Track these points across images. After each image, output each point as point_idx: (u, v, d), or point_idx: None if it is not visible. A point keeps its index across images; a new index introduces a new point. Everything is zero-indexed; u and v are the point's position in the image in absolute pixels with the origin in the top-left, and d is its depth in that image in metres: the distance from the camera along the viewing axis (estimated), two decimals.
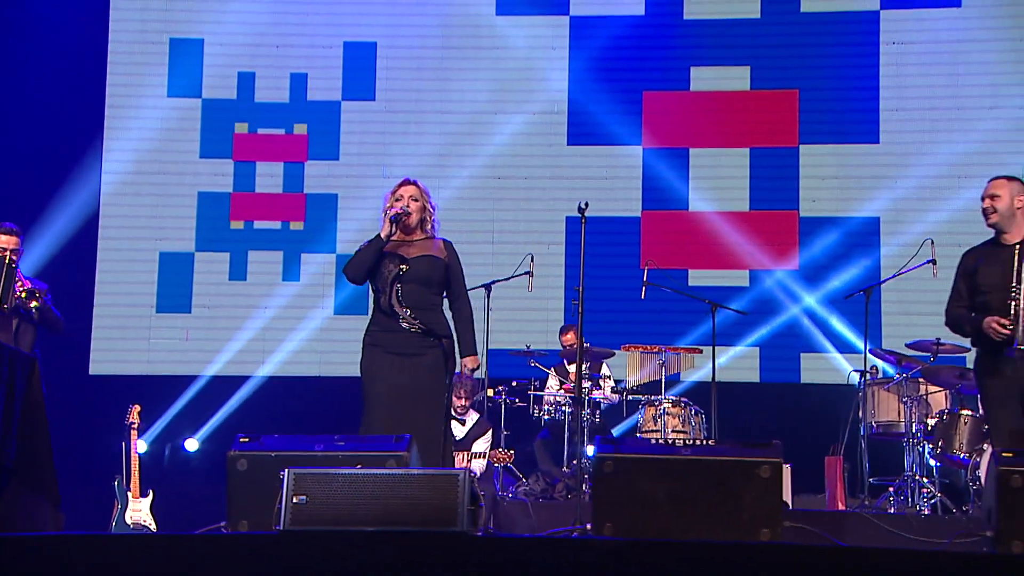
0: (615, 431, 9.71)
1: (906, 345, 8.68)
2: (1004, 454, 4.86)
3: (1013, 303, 5.93)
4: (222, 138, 11.32)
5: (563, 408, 9.00)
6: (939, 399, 8.48)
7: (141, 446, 8.91)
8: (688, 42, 11.05)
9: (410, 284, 6.05)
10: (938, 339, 7.94)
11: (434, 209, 6.31)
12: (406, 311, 6.03)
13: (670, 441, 6.22)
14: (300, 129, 11.41)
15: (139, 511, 8.07)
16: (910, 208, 10.58)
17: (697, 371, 10.38)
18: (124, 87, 11.31)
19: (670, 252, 10.64)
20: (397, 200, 6.12)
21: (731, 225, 10.79)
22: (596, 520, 4.93)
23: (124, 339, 11.02)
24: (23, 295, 7.30)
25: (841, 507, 8.35)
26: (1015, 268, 5.92)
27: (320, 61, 11.30)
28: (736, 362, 10.51)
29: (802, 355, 10.01)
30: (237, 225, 11.18)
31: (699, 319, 10.42)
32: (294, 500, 4.37)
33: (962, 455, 7.95)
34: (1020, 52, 10.75)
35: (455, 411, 8.77)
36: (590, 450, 8.31)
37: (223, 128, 11.35)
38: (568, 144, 11.00)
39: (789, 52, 10.96)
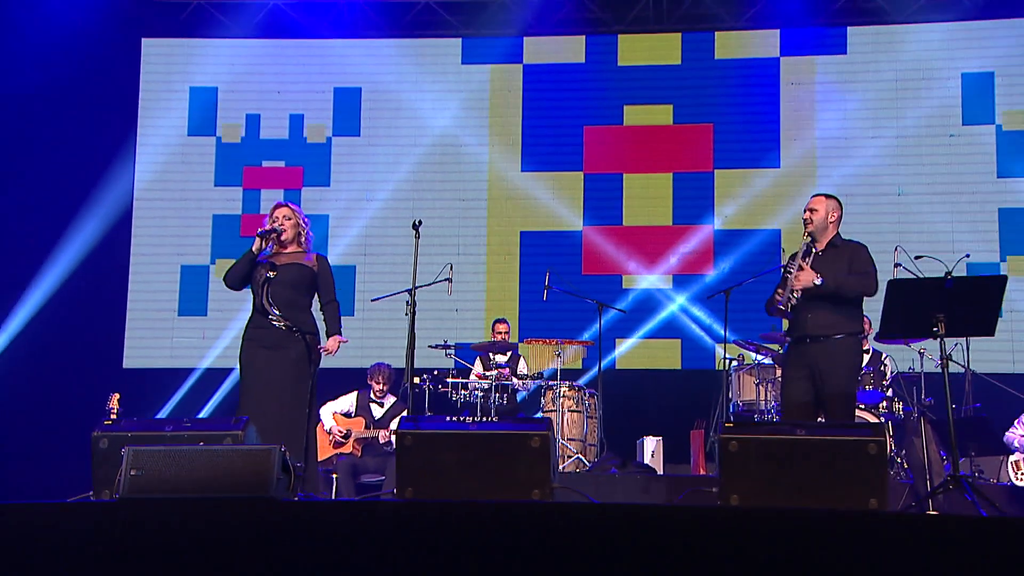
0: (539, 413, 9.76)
1: (760, 335, 9.08)
2: (727, 424, 5.34)
3: (788, 275, 6.39)
4: (233, 169, 11.83)
5: (477, 393, 9.19)
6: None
7: None
8: (621, 85, 11.58)
9: (278, 287, 6.32)
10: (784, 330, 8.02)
11: (307, 225, 6.68)
12: (275, 310, 6.29)
13: (474, 419, 6.40)
14: (297, 161, 11.93)
15: None
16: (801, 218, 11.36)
17: (628, 359, 11.04)
18: (152, 127, 11.81)
19: (607, 261, 11.30)
20: (273, 221, 6.51)
21: (657, 237, 11.24)
22: (399, 486, 5.14)
23: (152, 338, 11.48)
24: None
25: (702, 472, 8.79)
26: (800, 254, 6.40)
27: (314, 104, 11.82)
28: (660, 352, 10.95)
29: (703, 346, 10.40)
30: (250, 240, 12.06)
31: (640, 317, 11.12)
32: (132, 473, 4.52)
33: None
34: (895, 91, 11.16)
35: (374, 394, 9.11)
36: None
37: (234, 161, 11.88)
38: (522, 170, 11.55)
39: (705, 92, 11.46)
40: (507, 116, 11.74)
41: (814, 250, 6.31)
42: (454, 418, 6.19)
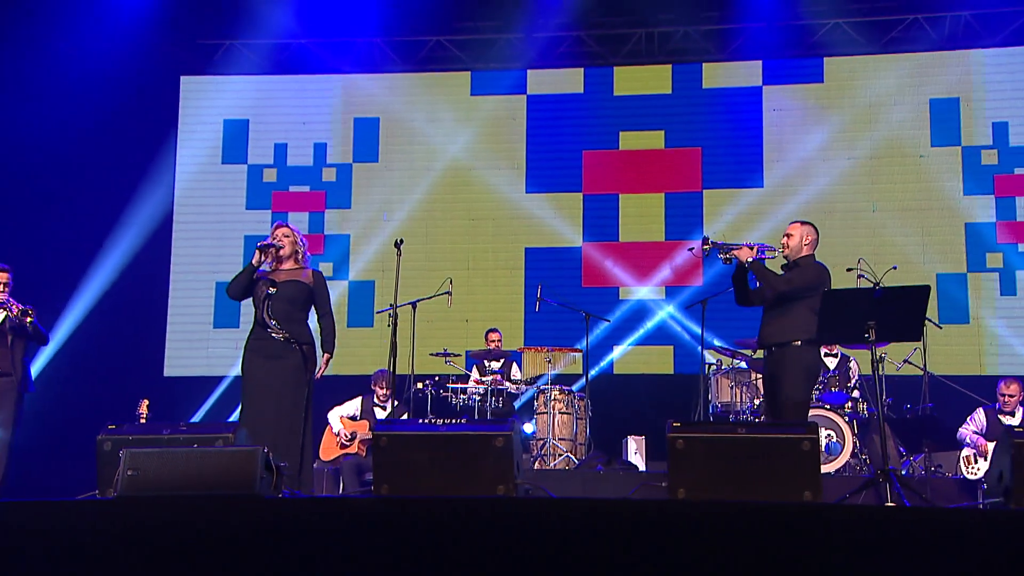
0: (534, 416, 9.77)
1: (735, 342, 9.15)
2: (675, 424, 5.27)
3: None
4: (263, 194, 12.14)
5: (475, 397, 9.32)
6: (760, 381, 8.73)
7: None
8: (617, 113, 11.80)
9: (278, 302, 6.40)
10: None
11: (304, 244, 6.76)
12: (274, 323, 6.35)
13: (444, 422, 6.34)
14: (320, 186, 12.18)
15: None
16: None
17: (625, 364, 11.20)
18: (189, 155, 12.10)
19: (605, 274, 11.50)
20: (273, 238, 6.57)
21: (651, 252, 11.38)
22: (375, 483, 5.21)
23: (189, 348, 11.73)
24: (18, 314, 7.53)
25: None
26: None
27: (336, 133, 12.10)
28: (655, 357, 11.06)
29: (693, 352, 10.29)
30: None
31: (632, 325, 11.31)
32: (128, 473, 4.61)
33: None
34: (869, 115, 11.32)
35: (378, 399, 9.28)
36: (528, 428, 9.45)
37: (263, 187, 12.18)
38: (526, 192, 11.78)
39: (693, 119, 11.66)
40: (512, 142, 11.93)
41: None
42: (425, 420, 6.44)
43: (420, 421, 6.19)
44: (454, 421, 5.96)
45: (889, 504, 5.57)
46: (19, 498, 6.01)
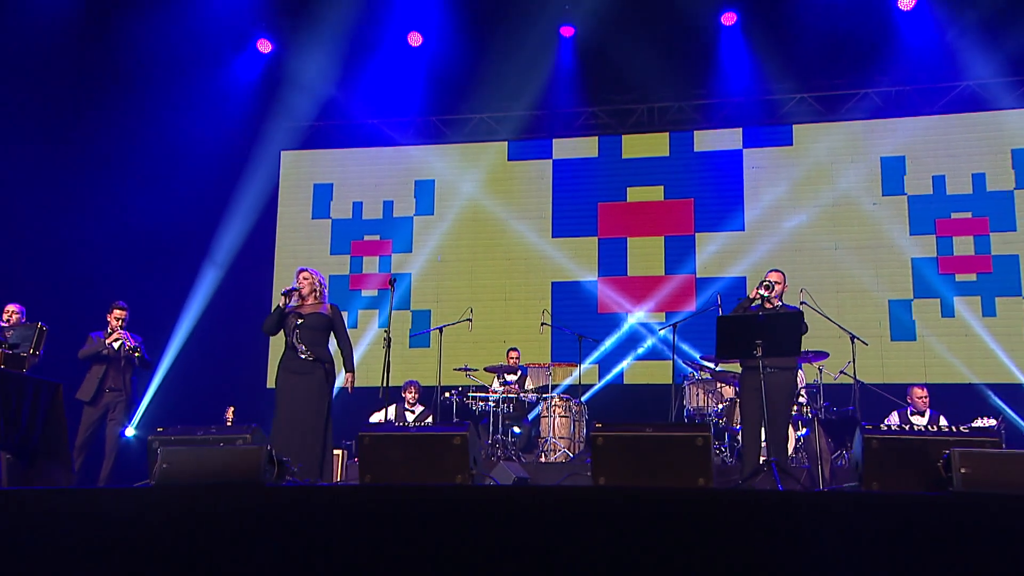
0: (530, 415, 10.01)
1: (700, 357, 9.41)
2: (597, 424, 5.32)
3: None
4: (343, 242, 12.74)
5: (491, 404, 9.35)
6: (729, 391, 9.27)
7: None
8: (626, 171, 12.33)
9: (304, 330, 6.62)
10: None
11: (323, 284, 6.92)
12: (302, 346, 6.56)
13: (415, 424, 6.50)
14: (388, 235, 12.77)
15: None
16: (763, 269, 9.89)
17: (632, 375, 11.53)
18: (288, 214, 12.94)
19: (616, 303, 11.93)
20: (298, 282, 6.83)
21: (653, 284, 11.83)
22: (360, 473, 5.27)
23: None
24: (130, 349, 8.00)
25: None
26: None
27: (401, 192, 12.76)
28: (656, 370, 11.30)
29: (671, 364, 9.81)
30: (355, 293, 12.55)
31: (637, 344, 11.71)
32: (163, 466, 4.65)
33: (736, 426, 8.64)
34: (830, 170, 11.75)
35: (407, 404, 9.48)
36: (516, 429, 9.65)
37: (344, 236, 12.77)
38: (552, 237, 12.32)
39: (687, 176, 12.16)
40: (540, 197, 12.44)
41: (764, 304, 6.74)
42: (401, 423, 6.88)
43: (396, 424, 6.78)
44: (422, 424, 6.46)
45: (768, 489, 5.76)
46: (125, 485, 6.24)
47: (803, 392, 9.12)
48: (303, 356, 6.54)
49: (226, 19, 11.26)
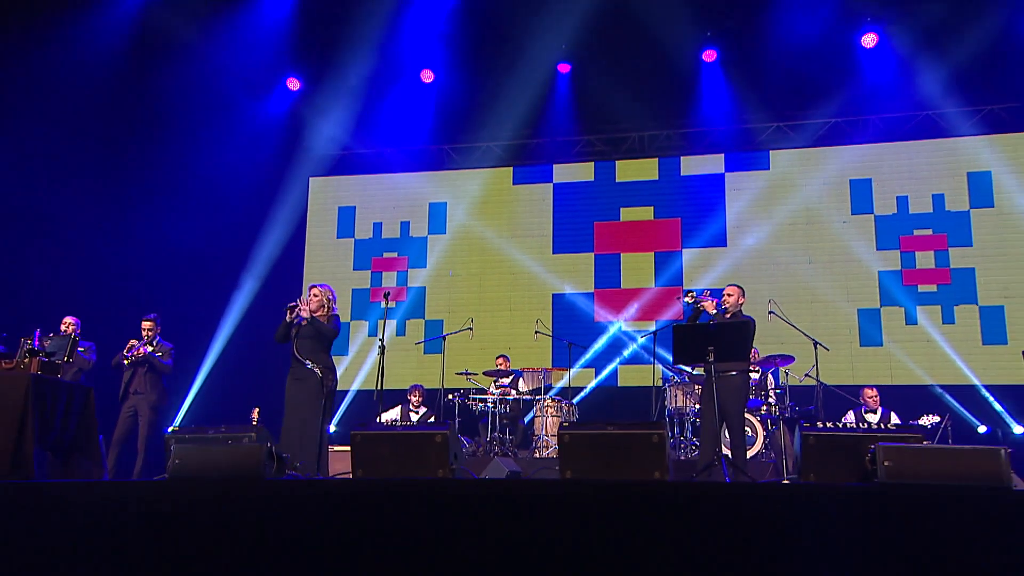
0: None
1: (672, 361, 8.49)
2: (563, 423, 5.38)
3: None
4: (365, 259, 12.88)
5: (488, 405, 9.39)
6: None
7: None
8: (620, 193, 12.43)
9: (301, 340, 6.67)
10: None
11: (331, 299, 6.87)
12: (299, 355, 6.61)
13: (403, 424, 6.31)
14: (405, 252, 12.85)
15: None
16: (744, 281, 9.55)
17: (625, 377, 11.56)
18: (316, 234, 13.10)
19: (611, 312, 11.96)
20: (309, 296, 6.79)
21: (645, 296, 11.86)
22: (353, 468, 5.24)
23: None
24: (141, 356, 8.03)
25: None
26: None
27: (416, 214, 12.89)
28: (647, 372, 10.02)
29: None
30: (375, 305, 12.61)
31: (618, 350, 11.69)
32: (176, 461, 4.66)
33: None
34: (804, 192, 11.81)
35: (412, 406, 9.53)
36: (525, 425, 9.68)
37: (366, 254, 12.93)
38: (552, 253, 12.42)
39: (674, 197, 12.24)
40: (542, 217, 12.55)
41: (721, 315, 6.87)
42: (405, 423, 6.84)
43: (385, 424, 6.72)
44: (406, 423, 6.51)
45: (717, 481, 5.81)
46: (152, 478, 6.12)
47: (772, 393, 9.24)
48: (301, 363, 6.59)
49: (258, 61, 11.47)
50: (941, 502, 3.73)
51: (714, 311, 6.84)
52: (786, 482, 6.20)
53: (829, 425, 5.66)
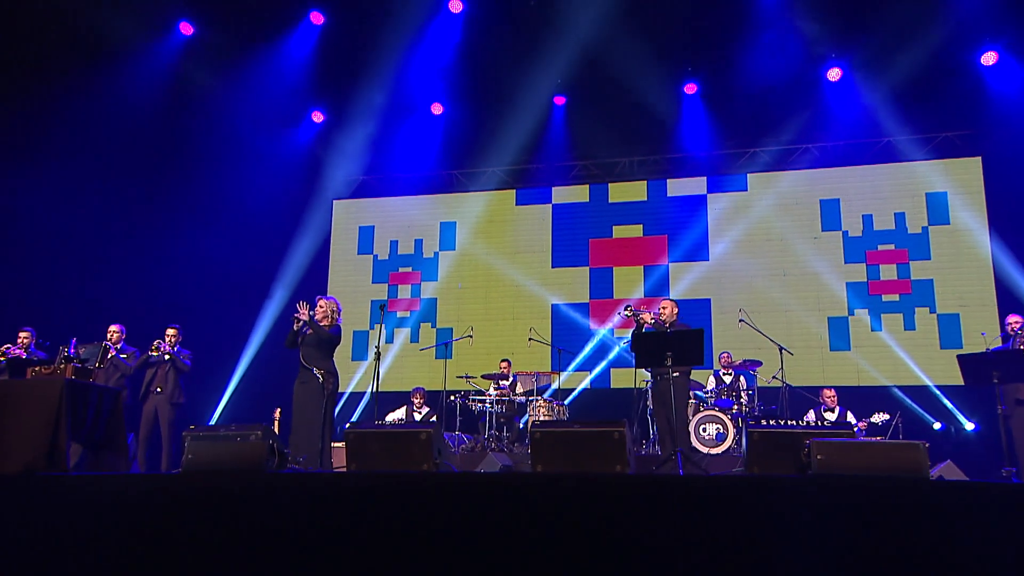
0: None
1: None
2: (534, 421, 5.11)
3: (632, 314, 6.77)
4: (382, 273, 13.02)
5: (487, 405, 9.45)
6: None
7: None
8: (612, 212, 12.57)
9: (305, 347, 6.66)
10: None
11: (336, 310, 6.85)
12: (304, 360, 6.63)
13: (391, 423, 6.14)
14: (418, 267, 13.00)
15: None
16: (726, 293, 11.70)
17: (618, 379, 11.61)
18: (339, 251, 13.21)
19: (604, 320, 12.06)
20: (318, 307, 6.76)
21: (634, 305, 10.40)
22: (347, 463, 5.22)
23: (342, 372, 10.36)
24: (166, 353, 8.06)
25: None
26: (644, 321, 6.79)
27: (429, 232, 13.04)
28: (636, 375, 10.18)
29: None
30: (391, 314, 12.84)
31: (621, 354, 11.64)
32: (189, 456, 4.66)
33: (685, 422, 8.40)
34: (779, 211, 11.92)
35: (415, 407, 9.52)
36: (521, 423, 9.69)
37: (383, 269, 13.09)
38: (551, 267, 12.55)
39: (661, 216, 12.36)
40: (542, 234, 12.70)
41: (660, 325, 7.11)
42: (395, 421, 6.86)
43: (376, 423, 6.76)
44: (394, 422, 6.42)
45: (672, 474, 5.73)
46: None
47: (744, 394, 9.44)
48: (307, 369, 6.63)
49: (286, 96, 11.64)
50: (866, 490, 3.75)
51: (651, 321, 7.03)
52: (736, 471, 6.23)
53: (772, 423, 5.80)
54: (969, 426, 10.11)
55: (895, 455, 4.53)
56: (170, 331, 8.33)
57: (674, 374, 6.64)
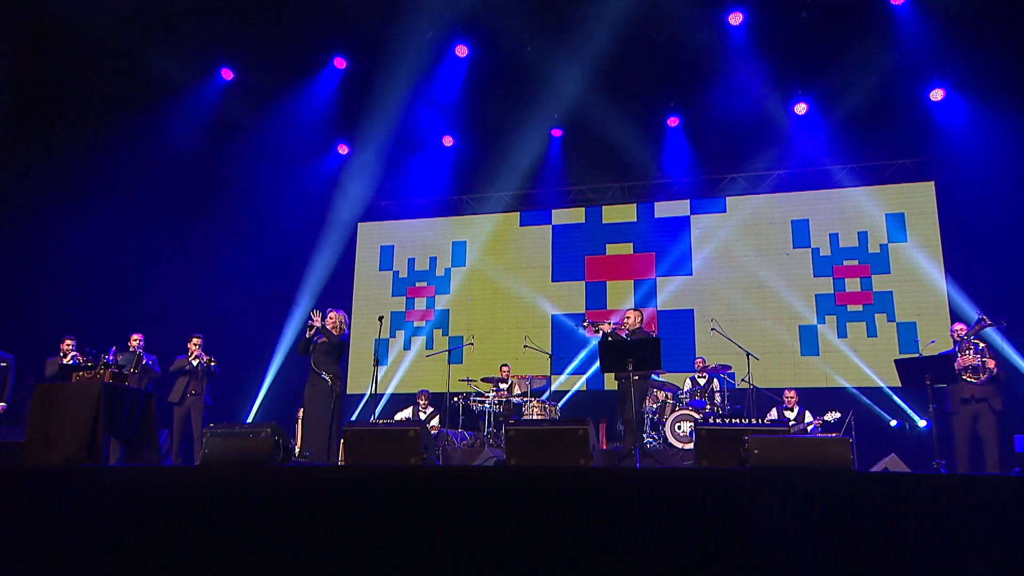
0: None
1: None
2: (510, 421, 5.22)
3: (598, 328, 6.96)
4: (402, 288, 13.15)
5: (487, 405, 9.40)
6: (661, 395, 9.58)
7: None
8: (605, 232, 12.61)
9: (316, 353, 6.71)
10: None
11: (344, 321, 6.85)
12: (314, 365, 6.65)
13: (385, 423, 6.14)
14: (432, 282, 13.09)
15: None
16: (707, 304, 11.77)
17: (611, 383, 11.56)
18: (363, 268, 13.34)
19: (599, 330, 11.25)
20: (328, 318, 6.74)
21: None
22: (344, 457, 5.18)
23: (361, 376, 12.48)
24: (208, 361, 8.18)
25: (603, 447, 8.48)
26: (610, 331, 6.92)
27: (442, 250, 13.15)
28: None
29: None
30: (409, 324, 12.99)
31: (593, 360, 10.43)
32: (205, 451, 4.64)
33: (665, 420, 9.04)
34: (755, 230, 11.99)
35: (421, 408, 9.56)
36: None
37: (402, 284, 13.18)
38: (551, 281, 12.61)
39: (649, 235, 12.42)
40: (543, 252, 12.79)
41: (621, 334, 7.36)
42: (378, 422, 6.83)
43: (371, 422, 6.81)
44: (386, 420, 6.42)
45: (629, 467, 5.85)
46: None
47: (716, 394, 9.64)
48: (317, 373, 6.70)
49: (314, 131, 11.79)
50: (796, 481, 3.80)
51: (609, 329, 7.19)
52: (687, 464, 6.49)
53: (718, 422, 6.19)
54: (921, 423, 10.23)
55: (822, 449, 4.62)
56: (196, 340, 8.37)
57: (634, 378, 6.73)
